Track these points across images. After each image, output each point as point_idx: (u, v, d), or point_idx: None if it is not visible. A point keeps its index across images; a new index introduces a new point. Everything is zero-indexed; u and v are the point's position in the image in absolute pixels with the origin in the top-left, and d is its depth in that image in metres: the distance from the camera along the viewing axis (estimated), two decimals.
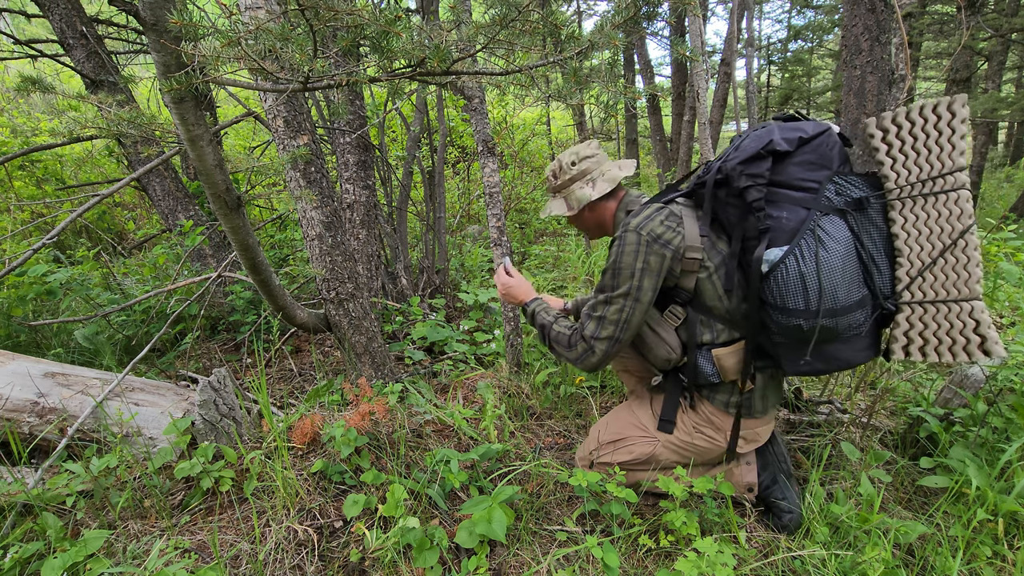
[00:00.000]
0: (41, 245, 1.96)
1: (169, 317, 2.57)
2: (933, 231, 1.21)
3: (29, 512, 1.49)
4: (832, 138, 1.28)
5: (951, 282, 1.20)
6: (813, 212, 1.23)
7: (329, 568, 1.37)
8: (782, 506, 1.50)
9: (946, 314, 1.21)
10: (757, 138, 1.28)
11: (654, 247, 1.33)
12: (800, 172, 1.26)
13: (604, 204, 1.57)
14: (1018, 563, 1.27)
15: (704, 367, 1.42)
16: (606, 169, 1.54)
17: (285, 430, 1.73)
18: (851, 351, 1.30)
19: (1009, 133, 13.71)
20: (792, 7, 11.90)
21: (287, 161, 1.78)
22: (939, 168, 1.20)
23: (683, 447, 1.53)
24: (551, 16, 1.14)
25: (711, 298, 1.38)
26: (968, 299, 1.19)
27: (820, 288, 1.19)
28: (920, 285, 1.23)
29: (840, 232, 1.22)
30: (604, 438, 1.61)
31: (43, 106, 1.61)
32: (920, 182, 1.21)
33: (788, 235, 1.24)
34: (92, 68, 2.86)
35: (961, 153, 1.18)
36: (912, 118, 1.23)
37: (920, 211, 1.22)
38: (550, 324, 1.50)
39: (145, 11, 1.04)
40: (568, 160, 1.55)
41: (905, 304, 1.26)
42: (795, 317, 1.23)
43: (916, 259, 1.23)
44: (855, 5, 4.50)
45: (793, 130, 1.27)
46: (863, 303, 1.24)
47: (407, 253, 3.37)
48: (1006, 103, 7.16)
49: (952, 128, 1.19)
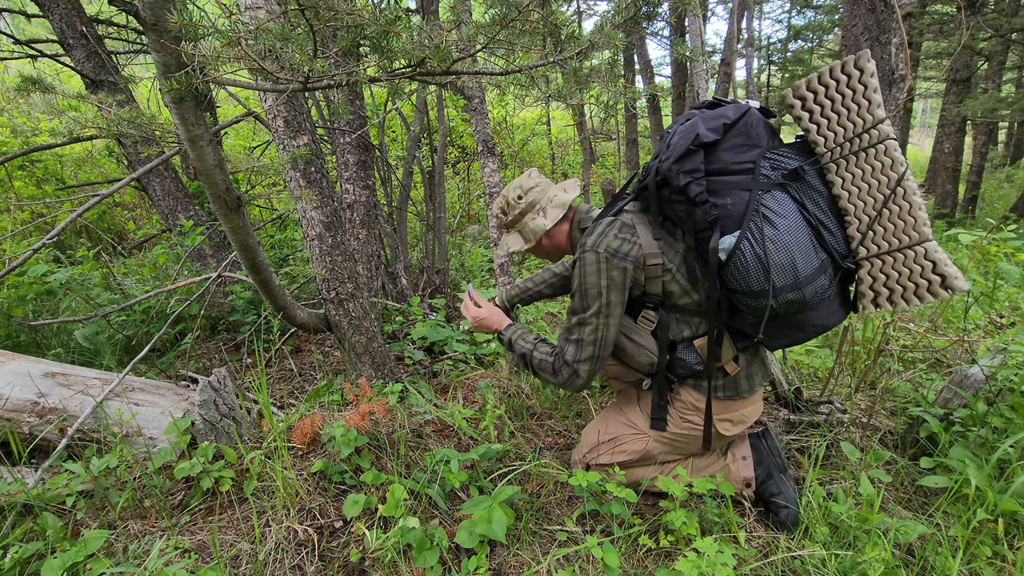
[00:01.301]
0: (41, 245, 1.96)
1: (169, 317, 2.57)
2: (871, 184, 1.23)
3: (29, 512, 1.49)
4: (754, 116, 1.30)
5: (900, 229, 1.23)
6: (754, 192, 1.25)
7: (329, 568, 1.37)
8: (778, 502, 1.50)
9: (903, 261, 1.24)
10: (684, 134, 1.30)
11: (614, 262, 1.34)
12: (732, 156, 1.29)
13: (558, 228, 1.58)
14: (1018, 563, 1.27)
15: (688, 358, 1.44)
16: (552, 195, 1.54)
17: (285, 430, 1.72)
18: (824, 315, 1.32)
19: (1009, 133, 13.71)
20: (792, 7, 11.90)
21: (287, 161, 1.78)
22: (861, 124, 1.23)
23: (674, 439, 1.54)
24: (551, 16, 1.14)
25: (679, 296, 1.40)
26: (920, 242, 1.21)
27: (774, 266, 1.22)
28: (872, 238, 1.26)
29: (785, 206, 1.25)
30: (599, 440, 1.62)
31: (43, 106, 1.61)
32: (847, 141, 1.24)
33: (737, 220, 1.26)
34: (92, 68, 2.86)
35: (878, 106, 1.21)
36: (824, 82, 1.26)
37: (854, 168, 1.25)
38: (530, 352, 1.50)
39: (145, 11, 1.04)
40: (514, 195, 1.55)
41: (863, 259, 1.29)
42: (762, 297, 1.25)
43: (862, 214, 1.26)
44: (855, 5, 4.49)
45: (716, 118, 1.29)
46: (823, 267, 1.26)
47: (407, 253, 3.37)
48: (1006, 103, 7.16)
49: (863, 84, 1.22)
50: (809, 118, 1.29)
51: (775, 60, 12.34)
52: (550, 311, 3.19)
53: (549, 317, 3.17)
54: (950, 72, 7.76)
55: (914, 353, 2.42)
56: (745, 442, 1.60)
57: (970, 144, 8.76)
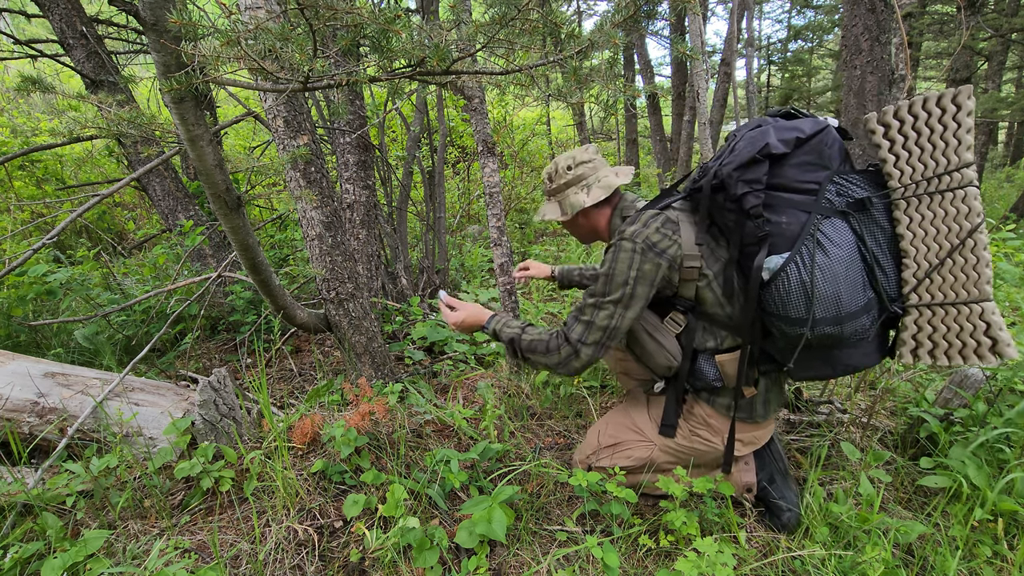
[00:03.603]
0: (41, 245, 1.96)
1: (169, 317, 2.57)
2: (940, 231, 1.16)
3: (29, 512, 1.49)
4: (831, 135, 1.23)
5: (960, 283, 1.16)
6: (813, 216, 1.18)
7: (329, 568, 1.37)
8: (780, 505, 1.50)
9: (955, 316, 1.17)
10: (752, 140, 1.23)
11: (649, 255, 1.30)
12: (799, 174, 1.22)
13: (598, 210, 1.54)
14: (1018, 563, 1.27)
15: (707, 371, 1.39)
16: (602, 176, 1.49)
17: (285, 430, 1.72)
18: (859, 356, 1.27)
19: (1009, 133, 13.70)
20: (792, 7, 11.90)
21: (287, 161, 1.78)
22: (944, 165, 1.14)
23: (680, 450, 1.51)
24: (551, 15, 1.14)
25: (712, 305, 1.35)
26: (978, 300, 1.14)
27: (817, 297, 1.16)
28: (927, 287, 1.19)
29: (842, 236, 1.18)
30: (602, 443, 1.60)
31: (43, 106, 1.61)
32: (925, 180, 1.16)
33: (789, 241, 1.20)
34: (92, 68, 2.86)
35: (968, 148, 1.13)
36: (915, 112, 1.17)
37: (926, 210, 1.17)
38: (519, 335, 1.44)
39: (145, 11, 1.04)
40: (564, 164, 1.52)
41: (912, 307, 1.22)
42: (797, 326, 1.20)
43: (923, 260, 1.18)
44: (855, 5, 4.50)
45: (790, 129, 1.22)
46: (869, 307, 1.20)
47: (407, 253, 3.37)
48: (1006, 103, 7.16)
49: (957, 122, 1.13)
50: (890, 148, 1.20)
51: (775, 60, 12.34)
52: (550, 311, 3.19)
53: (549, 317, 3.17)
54: (950, 72, 7.76)
55: None
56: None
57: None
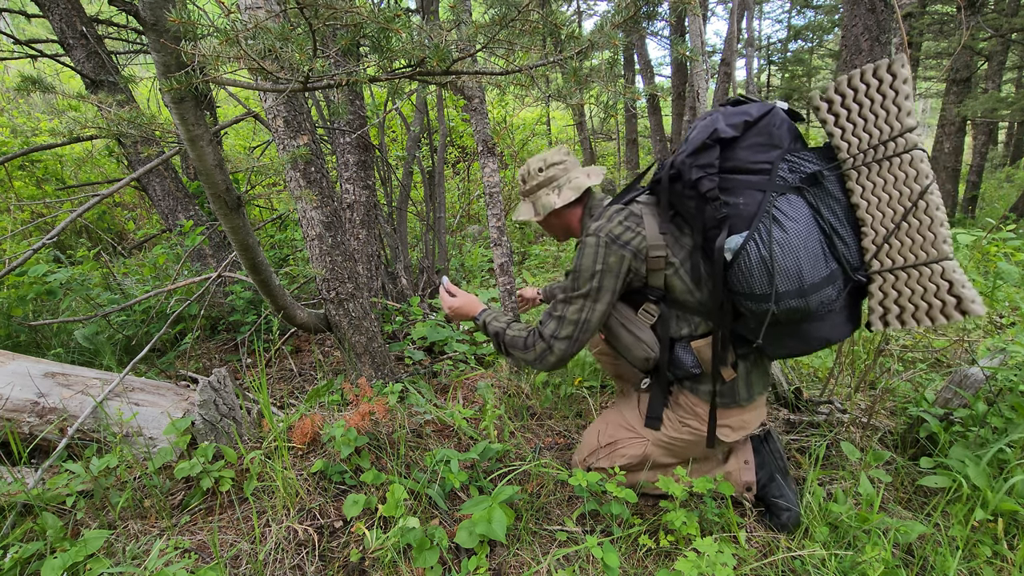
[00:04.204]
0: (41, 245, 1.96)
1: (169, 317, 2.57)
2: (892, 196, 1.18)
3: (29, 512, 1.49)
4: (778, 117, 1.26)
5: (917, 245, 1.18)
6: (768, 194, 1.21)
7: (329, 568, 1.37)
8: (780, 504, 1.50)
9: (918, 278, 1.19)
10: (703, 128, 1.26)
11: (612, 248, 1.34)
12: (750, 155, 1.25)
13: (570, 211, 1.57)
14: (1017, 563, 1.27)
15: (685, 359, 1.41)
16: (573, 177, 1.53)
17: (285, 430, 1.72)
18: (829, 328, 1.28)
19: (1009, 133, 13.70)
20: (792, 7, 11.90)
21: (287, 161, 1.78)
22: (888, 132, 1.17)
23: (672, 443, 1.53)
24: (551, 16, 1.14)
25: (682, 293, 1.38)
26: (937, 260, 1.16)
27: (778, 271, 1.18)
28: (887, 252, 1.21)
29: (798, 211, 1.20)
30: (600, 442, 1.61)
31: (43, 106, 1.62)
32: (872, 148, 1.19)
33: (747, 221, 1.23)
34: (92, 68, 2.86)
35: (908, 113, 1.16)
36: (854, 85, 1.21)
37: (876, 177, 1.20)
38: (503, 330, 1.50)
39: (145, 11, 1.04)
40: (536, 166, 1.57)
41: (876, 273, 1.24)
42: (763, 301, 1.22)
43: (879, 226, 1.21)
44: (855, 5, 4.49)
45: (738, 114, 1.25)
46: (833, 278, 1.22)
47: (407, 253, 3.37)
48: (1006, 103, 7.16)
49: (895, 89, 1.16)
50: (835, 121, 1.24)
51: (775, 60, 12.34)
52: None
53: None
54: (950, 72, 7.76)
55: (914, 353, 2.42)
56: (747, 446, 1.58)
57: (970, 144, 8.76)
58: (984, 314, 1.16)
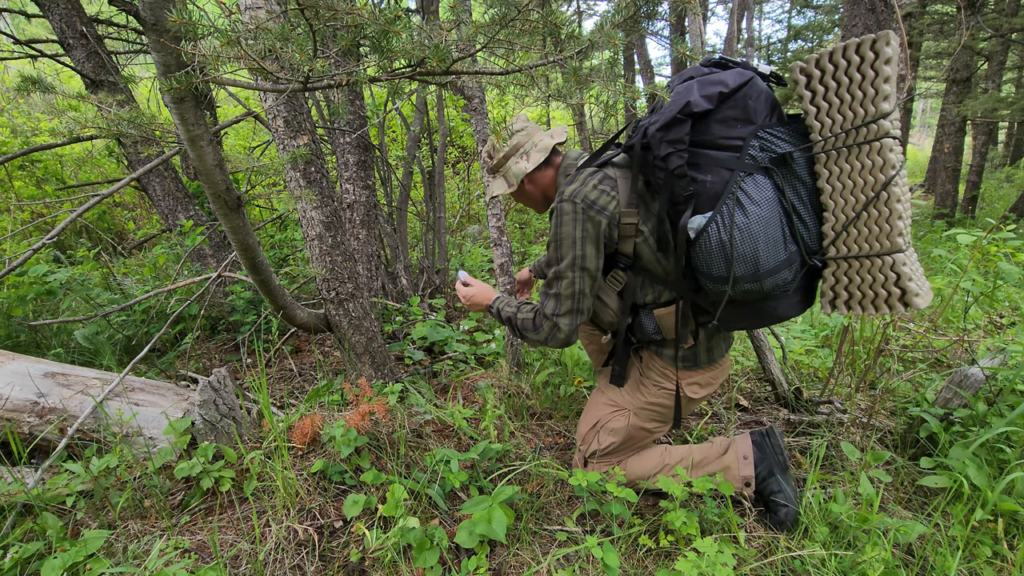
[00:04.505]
0: (41, 245, 1.96)
1: (169, 317, 2.57)
2: (857, 184, 1.16)
3: (29, 512, 1.49)
4: (756, 87, 1.21)
5: (873, 236, 1.17)
6: (736, 174, 1.19)
7: (329, 568, 1.37)
8: (778, 500, 1.49)
9: (869, 268, 1.19)
10: (677, 96, 1.22)
11: (590, 213, 1.32)
12: (723, 130, 1.21)
13: (541, 173, 1.55)
14: (1018, 563, 1.27)
15: (647, 325, 1.44)
16: (537, 140, 1.52)
17: (285, 430, 1.72)
18: (784, 306, 1.30)
19: (1009, 133, 13.70)
20: (792, 7, 11.90)
21: (287, 161, 1.78)
22: (862, 116, 1.13)
23: (651, 407, 1.54)
24: (551, 16, 1.14)
25: (650, 261, 1.39)
26: (889, 252, 1.15)
27: (736, 256, 1.19)
28: (844, 240, 1.21)
29: (763, 193, 1.18)
30: (584, 429, 1.63)
31: (43, 106, 1.61)
32: (844, 132, 1.16)
33: (712, 200, 1.21)
34: (92, 68, 2.86)
35: (885, 98, 1.10)
36: (835, 60, 1.15)
37: (845, 163, 1.17)
38: (514, 314, 1.51)
39: (145, 11, 1.04)
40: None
41: (831, 259, 1.24)
42: (720, 283, 1.23)
43: (841, 214, 1.20)
44: (855, 5, 4.49)
45: (713, 84, 1.20)
46: (790, 261, 1.21)
47: (407, 253, 3.37)
48: (1006, 103, 7.16)
49: (875, 70, 1.11)
50: (811, 99, 1.19)
51: (775, 60, 12.34)
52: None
53: None
54: (950, 72, 7.76)
55: (914, 353, 2.42)
56: (747, 440, 1.59)
57: (970, 144, 8.76)
58: (923, 307, 1.16)
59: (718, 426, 2.01)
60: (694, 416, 2.13)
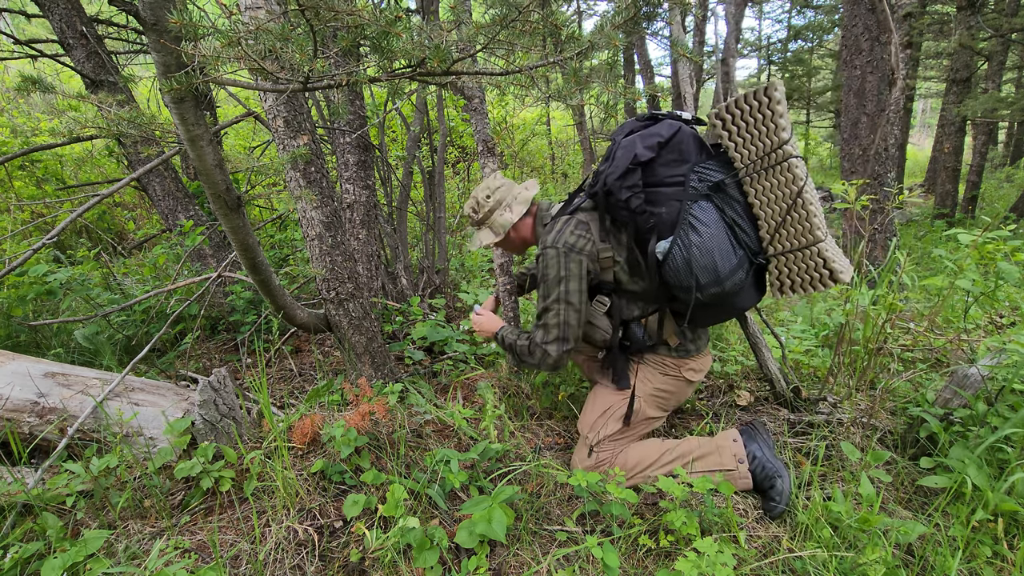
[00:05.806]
0: (41, 245, 1.96)
1: (169, 317, 2.57)
2: (777, 196, 1.45)
3: (29, 512, 1.49)
4: (684, 133, 1.52)
5: (799, 233, 1.45)
6: (685, 203, 1.48)
7: (329, 568, 1.37)
8: (769, 471, 1.61)
9: (801, 258, 1.47)
10: (625, 150, 1.49)
11: (571, 255, 1.56)
12: (667, 171, 1.51)
13: (523, 222, 1.80)
14: (1018, 563, 1.27)
15: (637, 333, 1.69)
16: (516, 193, 1.78)
17: (285, 430, 1.72)
18: (743, 299, 1.58)
19: (1009, 133, 13.70)
20: (792, 7, 11.90)
21: (287, 161, 1.78)
22: (770, 144, 1.43)
23: (658, 393, 1.74)
24: (551, 16, 1.14)
25: (629, 284, 1.64)
26: (813, 243, 1.44)
27: (698, 268, 1.45)
28: (778, 239, 1.49)
29: (708, 215, 1.47)
30: (592, 418, 1.74)
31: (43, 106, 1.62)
32: (759, 158, 1.45)
33: (670, 227, 1.50)
34: (92, 68, 2.86)
35: (783, 129, 1.41)
36: (740, 106, 1.46)
37: (765, 182, 1.46)
38: (515, 342, 1.71)
39: (145, 11, 1.04)
40: (483, 195, 1.78)
41: (772, 256, 1.52)
42: (690, 292, 1.49)
43: (771, 220, 1.48)
44: (855, 5, 4.49)
45: (652, 136, 1.49)
46: (741, 263, 1.49)
47: (407, 253, 3.37)
48: (1006, 103, 7.17)
49: (771, 110, 1.41)
50: (729, 136, 1.50)
51: (775, 60, 12.34)
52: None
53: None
54: (950, 72, 7.76)
55: (914, 353, 2.42)
56: (732, 428, 1.79)
57: (970, 144, 8.76)
58: (848, 281, 1.46)
59: (718, 426, 2.01)
60: (694, 416, 2.13)
